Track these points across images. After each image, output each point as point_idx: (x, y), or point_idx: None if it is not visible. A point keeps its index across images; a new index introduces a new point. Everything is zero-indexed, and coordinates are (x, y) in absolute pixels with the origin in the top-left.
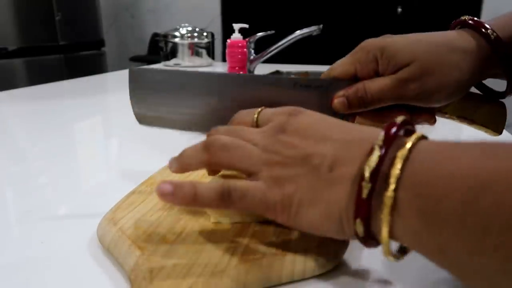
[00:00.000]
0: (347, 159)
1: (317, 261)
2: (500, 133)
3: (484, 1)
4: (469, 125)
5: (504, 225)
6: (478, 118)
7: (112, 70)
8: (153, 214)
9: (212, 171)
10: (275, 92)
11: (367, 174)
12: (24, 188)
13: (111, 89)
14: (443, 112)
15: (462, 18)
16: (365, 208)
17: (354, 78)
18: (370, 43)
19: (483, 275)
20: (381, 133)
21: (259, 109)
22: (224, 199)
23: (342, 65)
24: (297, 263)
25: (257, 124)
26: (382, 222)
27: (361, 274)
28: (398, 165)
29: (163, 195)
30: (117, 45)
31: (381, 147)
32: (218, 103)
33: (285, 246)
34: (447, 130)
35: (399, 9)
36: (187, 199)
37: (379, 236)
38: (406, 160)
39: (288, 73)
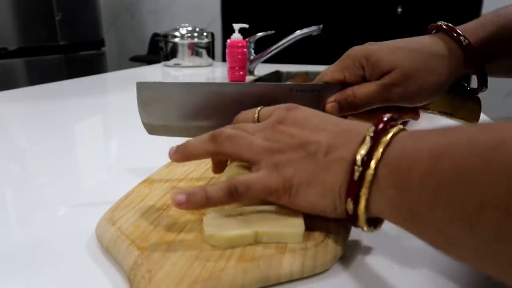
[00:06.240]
0: (341, 145)
1: (316, 260)
2: None
3: (484, 1)
4: (450, 118)
5: (453, 178)
6: (457, 112)
7: (112, 70)
8: (152, 213)
9: (216, 166)
10: (273, 97)
11: (359, 158)
12: (24, 187)
13: (111, 89)
14: (426, 108)
15: (438, 23)
16: (355, 188)
17: (343, 83)
18: (356, 51)
19: (443, 231)
20: (371, 127)
21: (259, 108)
22: (232, 195)
23: (331, 72)
24: (295, 262)
25: (258, 121)
26: (361, 195)
27: (359, 273)
28: (380, 149)
29: (179, 204)
30: (117, 45)
31: (371, 138)
32: (221, 111)
33: (284, 245)
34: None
35: (399, 9)
36: (201, 203)
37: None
38: (387, 145)
39: (288, 73)
